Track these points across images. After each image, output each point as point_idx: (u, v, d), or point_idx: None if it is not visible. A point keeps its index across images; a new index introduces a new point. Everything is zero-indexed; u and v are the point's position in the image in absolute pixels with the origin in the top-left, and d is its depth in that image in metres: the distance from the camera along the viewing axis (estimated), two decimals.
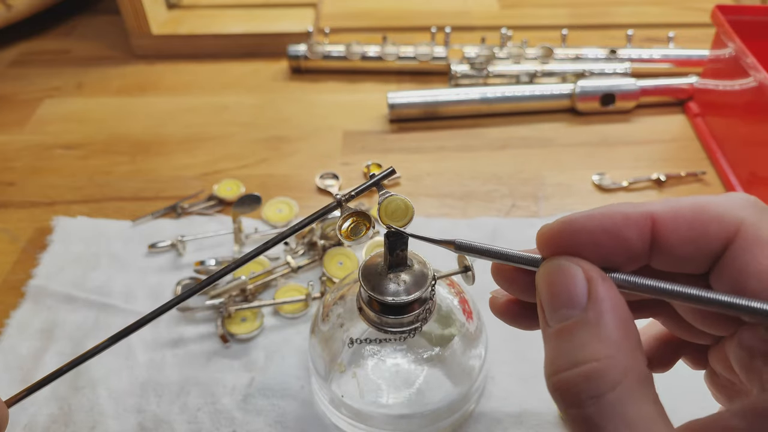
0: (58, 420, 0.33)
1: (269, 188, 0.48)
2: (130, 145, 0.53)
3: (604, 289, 0.18)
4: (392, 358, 0.29)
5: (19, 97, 0.60)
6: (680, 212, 0.18)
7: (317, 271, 0.41)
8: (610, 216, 0.18)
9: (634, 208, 0.18)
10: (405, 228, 0.23)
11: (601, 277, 0.18)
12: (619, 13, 0.73)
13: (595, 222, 0.18)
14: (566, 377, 0.17)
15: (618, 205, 0.19)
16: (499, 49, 0.59)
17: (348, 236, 0.23)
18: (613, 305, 0.18)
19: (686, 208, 0.18)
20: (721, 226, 0.17)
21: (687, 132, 0.54)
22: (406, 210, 0.23)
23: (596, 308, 0.17)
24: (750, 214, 0.17)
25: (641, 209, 0.18)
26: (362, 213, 0.23)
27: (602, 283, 0.18)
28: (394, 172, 0.24)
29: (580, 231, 0.19)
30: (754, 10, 0.51)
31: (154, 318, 0.22)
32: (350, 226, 0.23)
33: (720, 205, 0.18)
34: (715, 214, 0.18)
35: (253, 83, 0.61)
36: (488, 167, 0.50)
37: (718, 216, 0.18)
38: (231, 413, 0.33)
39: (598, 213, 0.19)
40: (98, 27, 0.72)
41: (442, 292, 0.30)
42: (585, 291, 0.18)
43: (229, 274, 0.23)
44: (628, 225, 0.18)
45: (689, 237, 0.18)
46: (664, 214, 0.18)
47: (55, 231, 0.44)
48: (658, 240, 0.18)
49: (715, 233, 0.18)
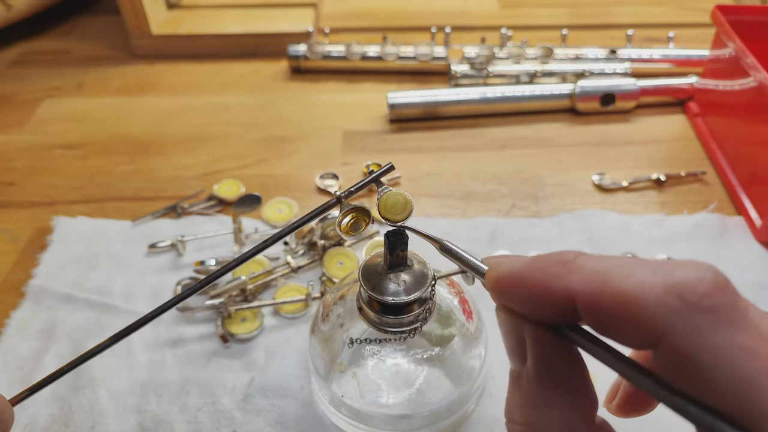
0: (58, 420, 0.33)
1: (269, 188, 0.48)
2: (130, 145, 0.53)
3: (538, 350, 0.18)
4: (392, 358, 0.29)
5: (19, 97, 0.60)
6: (602, 301, 0.16)
7: (317, 271, 0.41)
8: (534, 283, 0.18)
9: (556, 282, 0.17)
10: (404, 223, 0.23)
11: (535, 339, 0.18)
12: (619, 13, 0.72)
13: (521, 287, 0.18)
14: (509, 428, 0.19)
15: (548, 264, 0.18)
16: (499, 49, 0.59)
17: (347, 232, 0.23)
18: (548, 367, 0.18)
19: (611, 296, 0.16)
20: (643, 331, 0.15)
21: (687, 132, 0.54)
22: (405, 204, 0.23)
23: (531, 369, 0.18)
24: (678, 322, 0.15)
25: (562, 284, 0.17)
26: (361, 208, 0.23)
27: (535, 346, 0.18)
28: (392, 168, 0.24)
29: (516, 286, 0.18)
30: (754, 10, 0.51)
31: (155, 317, 0.22)
32: (350, 222, 0.24)
33: (646, 307, 0.15)
34: (639, 317, 0.15)
35: (253, 83, 0.61)
36: (488, 167, 0.50)
37: (642, 319, 0.15)
38: (231, 413, 0.33)
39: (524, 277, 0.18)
40: (98, 27, 0.72)
41: (442, 292, 0.30)
42: (523, 350, 0.19)
43: (228, 272, 0.23)
44: (549, 296, 0.17)
45: (609, 329, 0.17)
46: (585, 298, 0.16)
47: (55, 231, 0.44)
48: (583, 319, 0.17)
49: (636, 336, 0.16)
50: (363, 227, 0.23)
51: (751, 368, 0.14)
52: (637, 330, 0.16)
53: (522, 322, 0.19)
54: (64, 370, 0.22)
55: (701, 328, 0.15)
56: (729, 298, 0.15)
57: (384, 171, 0.24)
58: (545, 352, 0.18)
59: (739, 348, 0.14)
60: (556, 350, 0.18)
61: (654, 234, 0.43)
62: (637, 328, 0.16)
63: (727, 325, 0.15)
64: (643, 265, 0.16)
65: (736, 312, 0.15)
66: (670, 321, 0.15)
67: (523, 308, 0.19)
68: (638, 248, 0.42)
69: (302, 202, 0.46)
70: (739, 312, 0.15)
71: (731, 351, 0.14)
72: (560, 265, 0.17)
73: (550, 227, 0.44)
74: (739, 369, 0.14)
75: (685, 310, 0.15)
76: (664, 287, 0.15)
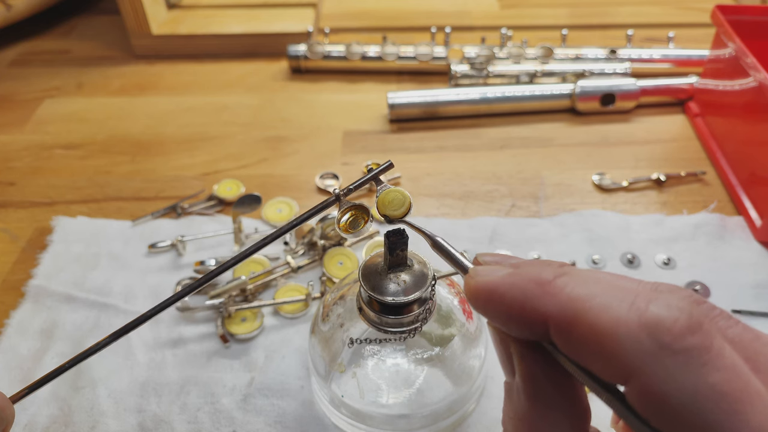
0: (58, 420, 0.33)
1: (269, 188, 0.48)
2: (130, 145, 0.53)
3: (523, 366, 0.18)
4: (392, 358, 0.29)
5: (19, 97, 0.60)
6: (574, 331, 0.16)
7: (317, 271, 0.41)
8: (509, 300, 0.18)
9: (530, 303, 0.17)
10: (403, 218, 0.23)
11: (521, 355, 0.19)
12: (619, 13, 0.73)
13: (497, 303, 0.18)
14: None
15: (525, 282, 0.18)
16: (499, 49, 0.59)
17: (346, 229, 0.23)
18: (534, 382, 0.18)
19: (584, 327, 0.16)
20: (613, 367, 0.16)
21: (687, 132, 0.54)
22: (403, 200, 0.23)
23: (520, 384, 0.19)
24: (648, 361, 0.15)
25: (536, 306, 0.17)
26: (360, 206, 0.23)
27: (520, 362, 0.19)
28: (391, 165, 0.24)
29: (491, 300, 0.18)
30: (754, 10, 0.51)
31: (155, 314, 0.22)
32: (348, 220, 0.24)
33: (618, 344, 0.15)
34: (610, 352, 0.15)
35: (253, 83, 0.61)
36: (488, 167, 0.50)
37: (613, 355, 0.15)
38: (231, 413, 0.33)
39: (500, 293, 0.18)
40: (98, 27, 0.72)
41: (442, 292, 0.30)
42: (512, 363, 0.19)
43: (228, 271, 0.23)
44: (523, 316, 0.17)
45: (581, 358, 0.17)
46: (557, 325, 0.17)
47: (55, 231, 0.44)
48: (556, 344, 0.17)
49: (606, 371, 0.16)
50: (362, 225, 0.23)
51: (720, 410, 0.14)
52: (607, 365, 0.16)
53: (506, 337, 0.19)
54: (64, 368, 0.22)
55: (671, 369, 0.15)
56: (703, 339, 0.15)
57: (383, 169, 0.24)
58: (531, 368, 0.18)
59: (710, 389, 0.14)
60: (543, 365, 0.18)
61: (654, 234, 0.43)
62: (607, 362, 0.16)
63: (699, 366, 0.15)
64: (623, 295, 0.16)
65: (709, 352, 0.15)
66: (640, 360, 0.15)
67: (499, 323, 0.19)
68: (638, 248, 0.42)
69: (302, 202, 0.46)
70: (712, 352, 0.15)
71: (701, 393, 0.14)
72: (537, 285, 0.17)
73: (550, 227, 0.44)
74: (708, 412, 0.14)
75: (656, 351, 0.15)
76: (638, 325, 0.15)
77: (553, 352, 0.18)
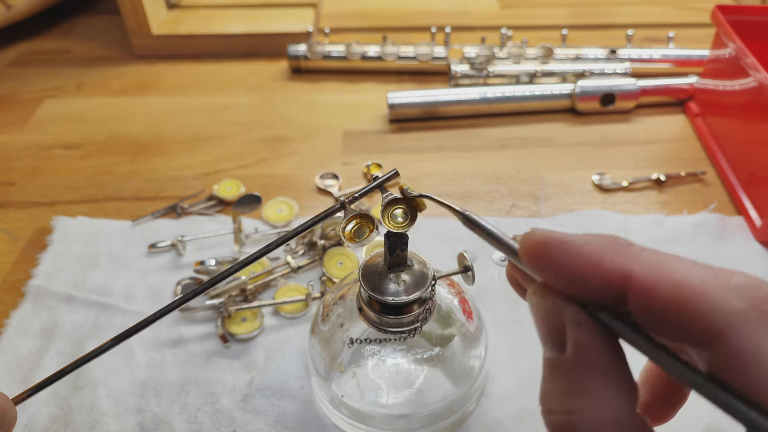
0: (58, 420, 0.33)
1: (269, 188, 0.48)
2: (130, 145, 0.53)
3: (581, 335, 0.17)
4: (392, 358, 0.29)
5: (19, 97, 0.60)
6: (661, 289, 0.16)
7: (317, 271, 0.41)
8: (585, 255, 0.17)
9: (611, 259, 0.17)
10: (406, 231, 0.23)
11: (578, 323, 0.18)
12: (619, 13, 0.73)
13: (572, 254, 0.17)
14: (550, 420, 0.18)
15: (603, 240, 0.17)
16: (499, 49, 0.59)
17: (351, 238, 0.23)
18: (591, 353, 0.17)
19: (672, 286, 0.16)
20: (702, 327, 0.15)
21: (687, 132, 0.54)
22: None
23: (572, 356, 0.18)
24: (741, 321, 0.15)
25: (617, 263, 0.16)
26: (365, 215, 0.23)
27: (578, 331, 0.17)
28: (397, 174, 0.24)
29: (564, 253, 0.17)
30: (754, 10, 0.51)
31: (158, 318, 0.22)
32: (354, 228, 0.23)
33: (709, 303, 0.15)
34: (701, 311, 0.15)
35: (253, 83, 0.61)
36: (488, 167, 0.50)
37: (703, 314, 0.15)
38: (231, 413, 0.33)
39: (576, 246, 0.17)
40: (98, 27, 0.72)
41: (442, 292, 0.30)
42: (563, 336, 0.18)
43: (232, 275, 0.23)
44: (601, 273, 0.17)
45: (661, 321, 0.16)
46: (642, 283, 0.16)
47: (55, 231, 0.44)
48: (631, 305, 0.17)
49: (692, 332, 0.16)
50: (367, 234, 0.23)
51: None
52: (695, 325, 0.15)
53: (563, 306, 0.18)
54: (66, 371, 0.22)
55: (763, 330, 0.15)
56: None
57: (388, 177, 0.24)
58: (589, 338, 0.17)
59: None
60: (599, 336, 0.17)
61: (654, 234, 0.43)
62: (695, 322, 0.15)
63: None
64: (701, 264, 0.16)
65: None
66: (732, 319, 0.15)
67: (565, 282, 0.18)
68: None
69: (302, 202, 0.46)
70: None
71: None
72: (617, 244, 0.17)
73: (550, 227, 0.43)
74: None
75: (748, 311, 0.15)
76: (728, 286, 0.15)
77: (611, 322, 0.17)
